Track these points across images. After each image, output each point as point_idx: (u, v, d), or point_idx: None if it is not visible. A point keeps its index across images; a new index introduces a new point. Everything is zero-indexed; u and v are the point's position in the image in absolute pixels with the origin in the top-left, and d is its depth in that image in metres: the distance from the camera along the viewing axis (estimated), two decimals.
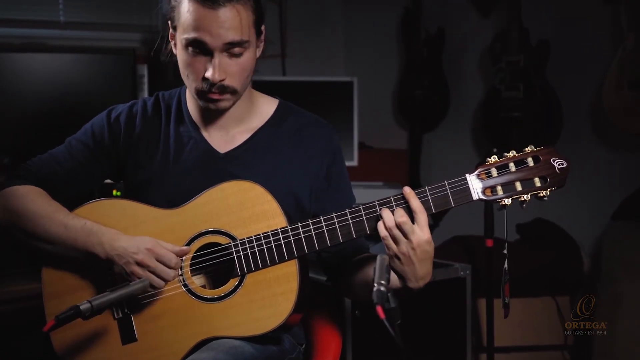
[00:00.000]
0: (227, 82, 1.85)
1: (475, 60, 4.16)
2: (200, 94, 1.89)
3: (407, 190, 1.77)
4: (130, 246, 1.80)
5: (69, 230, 1.84)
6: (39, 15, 3.67)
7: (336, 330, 2.21)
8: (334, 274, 2.07)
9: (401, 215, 1.74)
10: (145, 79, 3.49)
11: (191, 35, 1.81)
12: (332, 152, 2.02)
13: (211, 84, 1.84)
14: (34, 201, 1.89)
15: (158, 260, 1.80)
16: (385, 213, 1.76)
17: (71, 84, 3.16)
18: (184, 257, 1.85)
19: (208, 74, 1.83)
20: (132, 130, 2.00)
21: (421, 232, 1.74)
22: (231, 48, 1.82)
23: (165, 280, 1.81)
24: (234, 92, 1.89)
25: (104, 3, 3.85)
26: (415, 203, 1.76)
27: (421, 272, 1.78)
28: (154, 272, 1.79)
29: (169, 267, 1.81)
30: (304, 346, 2.10)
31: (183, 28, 1.82)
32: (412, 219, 1.75)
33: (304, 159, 1.98)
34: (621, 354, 3.15)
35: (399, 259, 1.76)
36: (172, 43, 1.93)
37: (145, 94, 3.46)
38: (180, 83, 2.06)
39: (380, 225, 1.76)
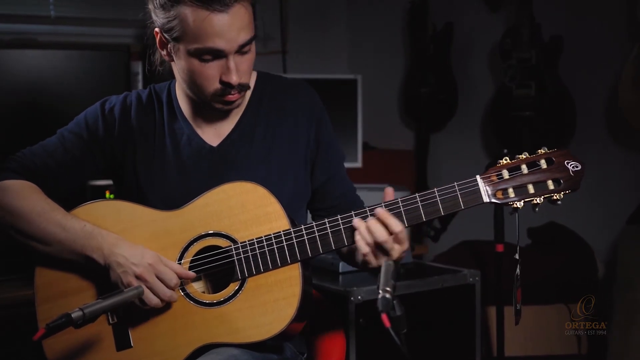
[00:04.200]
0: (242, 81, 1.88)
1: (485, 57, 4.17)
2: (215, 99, 1.90)
3: (381, 212, 1.79)
4: (131, 256, 1.81)
5: (67, 231, 1.85)
6: (29, 10, 3.68)
7: (339, 339, 2.22)
8: None
9: (381, 235, 1.77)
10: (140, 77, 3.50)
11: (203, 44, 1.81)
12: (317, 116, 2.04)
13: (231, 86, 1.86)
14: (30, 198, 1.89)
15: (158, 277, 1.81)
16: (365, 231, 1.79)
17: (62, 81, 3.17)
18: (182, 261, 1.87)
19: (228, 79, 1.85)
20: (127, 122, 2.01)
21: (401, 247, 1.80)
22: (243, 48, 1.85)
23: (162, 300, 1.82)
24: (247, 88, 1.92)
25: None
26: (394, 223, 1.78)
27: None
28: (151, 289, 1.81)
29: (168, 287, 1.82)
30: (305, 355, 2.11)
31: (191, 38, 1.82)
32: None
33: (291, 131, 2.01)
34: None
35: (376, 267, 1.80)
36: (163, 52, 1.93)
37: None
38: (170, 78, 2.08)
39: (360, 241, 1.79)
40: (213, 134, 2.01)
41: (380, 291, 1.53)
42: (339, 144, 2.11)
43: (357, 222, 1.80)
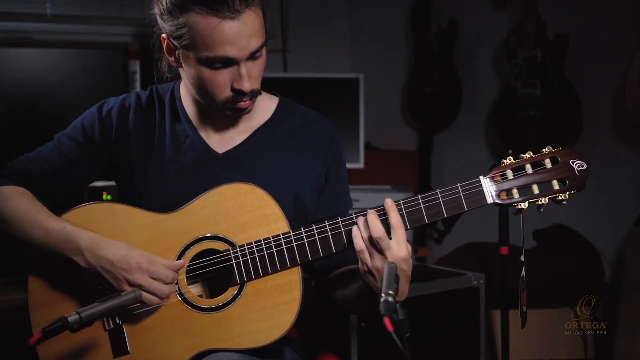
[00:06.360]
0: (254, 87, 1.87)
1: (489, 56, 4.17)
2: (227, 106, 1.89)
3: (389, 202, 1.78)
4: (117, 260, 1.80)
5: (49, 234, 1.85)
6: (25, 8, 3.68)
7: (341, 343, 2.21)
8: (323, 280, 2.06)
9: (378, 231, 1.74)
10: (138, 76, 3.49)
11: (214, 53, 1.79)
12: (333, 153, 2.03)
13: (243, 94, 1.85)
14: (17, 202, 1.89)
15: (152, 278, 1.80)
16: (362, 224, 1.77)
17: (59, 80, 3.16)
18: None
19: (240, 86, 1.83)
20: (124, 125, 2.00)
21: (398, 249, 1.74)
22: (255, 54, 1.83)
23: (161, 299, 1.82)
24: (258, 94, 1.91)
25: None
26: (395, 217, 1.76)
27: None
28: (148, 291, 1.80)
29: (165, 284, 1.81)
30: None
31: (201, 46, 1.80)
32: (390, 234, 1.75)
33: (305, 160, 1.99)
34: None
35: (372, 274, 1.76)
36: (171, 58, 1.91)
37: None
38: (175, 80, 2.07)
39: (356, 237, 1.77)
40: (219, 141, 1.99)
41: (383, 294, 1.53)
42: (348, 189, 2.08)
43: (355, 217, 1.80)
